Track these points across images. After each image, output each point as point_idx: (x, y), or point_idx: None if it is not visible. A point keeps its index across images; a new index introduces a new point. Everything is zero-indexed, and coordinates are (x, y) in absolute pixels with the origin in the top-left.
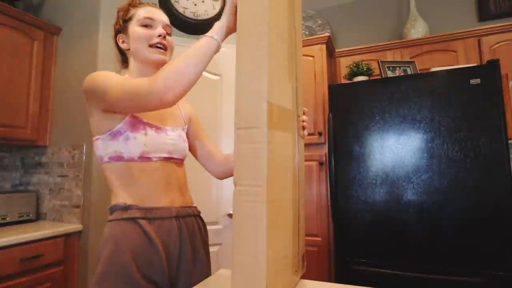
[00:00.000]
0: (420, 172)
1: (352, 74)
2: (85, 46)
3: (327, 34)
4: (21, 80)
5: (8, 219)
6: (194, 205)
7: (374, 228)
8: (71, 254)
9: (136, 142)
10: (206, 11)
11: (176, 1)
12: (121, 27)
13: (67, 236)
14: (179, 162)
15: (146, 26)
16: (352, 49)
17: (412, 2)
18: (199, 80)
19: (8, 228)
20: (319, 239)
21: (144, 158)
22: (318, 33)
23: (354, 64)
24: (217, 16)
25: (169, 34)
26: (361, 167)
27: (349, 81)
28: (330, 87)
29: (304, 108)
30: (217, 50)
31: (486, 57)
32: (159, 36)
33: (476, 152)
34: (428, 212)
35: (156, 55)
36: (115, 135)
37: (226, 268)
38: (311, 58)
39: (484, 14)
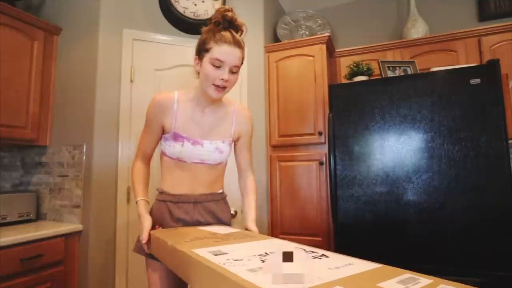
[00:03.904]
0: (420, 172)
1: (352, 74)
2: (85, 46)
3: (327, 34)
4: (21, 80)
5: (8, 219)
6: (219, 191)
7: (374, 228)
8: (71, 254)
9: (175, 150)
10: (206, 11)
11: (176, 1)
12: (199, 52)
13: (67, 236)
14: (213, 164)
15: (215, 66)
16: (352, 49)
17: (412, 2)
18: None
19: (8, 228)
20: (319, 239)
21: (180, 160)
22: (318, 33)
23: (354, 64)
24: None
25: (235, 73)
26: (361, 167)
27: (349, 81)
28: (331, 87)
29: None
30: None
31: (486, 57)
32: (222, 79)
33: (476, 152)
34: (428, 212)
35: (213, 93)
36: (165, 139)
37: None
38: (311, 58)
39: (484, 14)
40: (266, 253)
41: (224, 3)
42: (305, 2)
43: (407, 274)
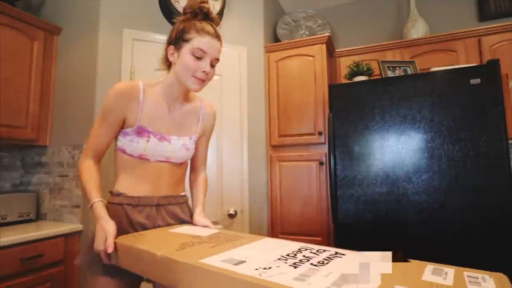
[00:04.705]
0: (420, 172)
1: (352, 74)
2: (85, 46)
3: (327, 34)
4: (21, 80)
5: (8, 219)
6: (182, 194)
7: (374, 228)
8: (71, 254)
9: (138, 146)
10: None
11: (176, 1)
12: (176, 41)
13: (67, 236)
14: (178, 163)
15: (197, 57)
16: (352, 49)
17: (412, 2)
18: None
19: (8, 228)
20: (319, 239)
21: (143, 158)
22: (318, 33)
23: (354, 64)
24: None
25: (213, 66)
26: (361, 167)
27: (349, 81)
28: (331, 87)
29: None
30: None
31: (486, 57)
32: (204, 72)
33: (476, 151)
34: (428, 212)
35: (193, 85)
36: (125, 134)
37: None
38: (311, 58)
39: (484, 14)
40: (282, 256)
41: (224, 2)
42: (305, 2)
43: (431, 265)
